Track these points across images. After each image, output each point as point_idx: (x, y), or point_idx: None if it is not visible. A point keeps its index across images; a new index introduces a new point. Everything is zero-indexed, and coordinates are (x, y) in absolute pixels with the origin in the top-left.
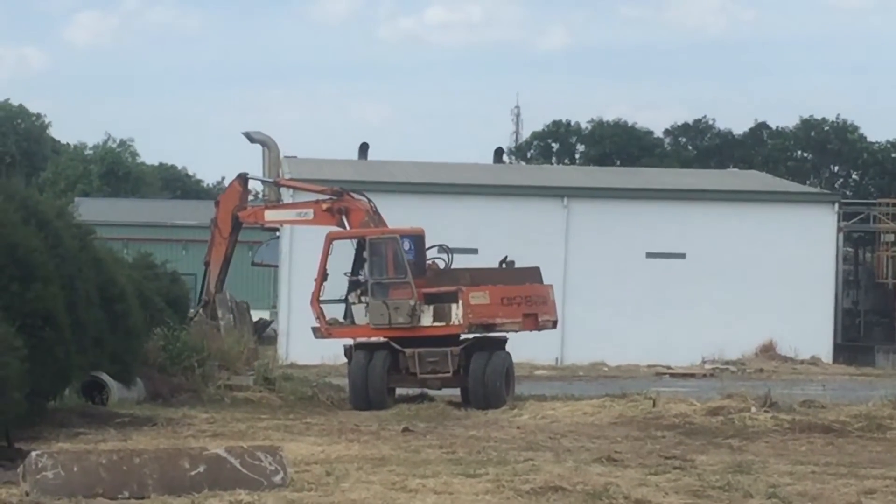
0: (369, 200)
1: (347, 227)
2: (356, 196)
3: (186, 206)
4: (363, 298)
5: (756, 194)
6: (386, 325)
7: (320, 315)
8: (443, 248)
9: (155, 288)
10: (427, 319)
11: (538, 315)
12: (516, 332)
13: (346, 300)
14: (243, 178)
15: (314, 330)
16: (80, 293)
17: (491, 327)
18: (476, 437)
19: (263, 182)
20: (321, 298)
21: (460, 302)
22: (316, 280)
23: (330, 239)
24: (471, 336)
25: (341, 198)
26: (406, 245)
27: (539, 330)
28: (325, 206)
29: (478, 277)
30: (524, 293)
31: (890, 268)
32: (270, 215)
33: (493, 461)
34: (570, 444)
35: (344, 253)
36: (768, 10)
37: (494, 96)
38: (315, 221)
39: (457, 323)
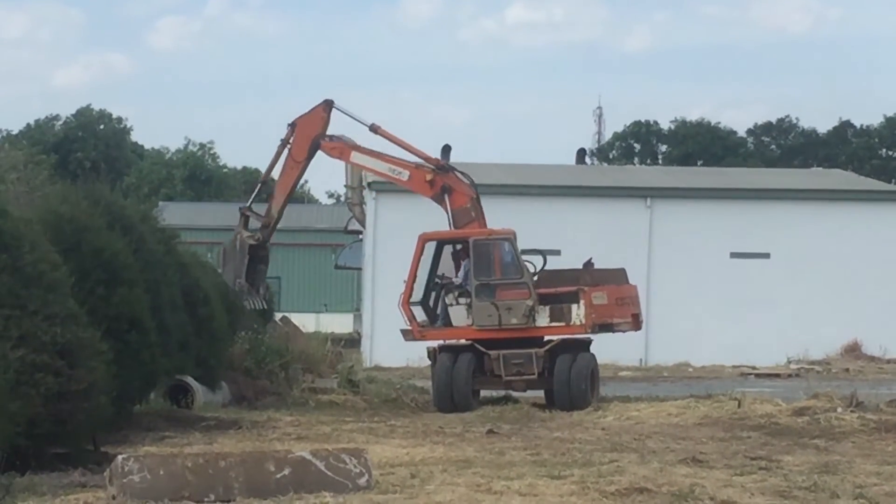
0: (475, 187)
1: (447, 207)
2: (463, 178)
3: None
4: (461, 300)
5: (841, 193)
6: (495, 326)
7: (412, 318)
8: (535, 252)
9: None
10: (543, 320)
11: (638, 315)
12: (624, 332)
13: (423, 302)
14: (329, 105)
15: (404, 332)
16: (165, 297)
17: (609, 327)
18: (561, 439)
19: (357, 120)
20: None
21: (582, 302)
22: (406, 282)
23: (423, 240)
24: (556, 338)
25: (447, 174)
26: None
27: (637, 330)
28: (428, 175)
29: (598, 277)
30: (629, 293)
31: None
32: (359, 158)
33: (578, 463)
34: (655, 446)
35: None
36: (853, 8)
37: (576, 97)
38: (408, 184)
39: (578, 323)
